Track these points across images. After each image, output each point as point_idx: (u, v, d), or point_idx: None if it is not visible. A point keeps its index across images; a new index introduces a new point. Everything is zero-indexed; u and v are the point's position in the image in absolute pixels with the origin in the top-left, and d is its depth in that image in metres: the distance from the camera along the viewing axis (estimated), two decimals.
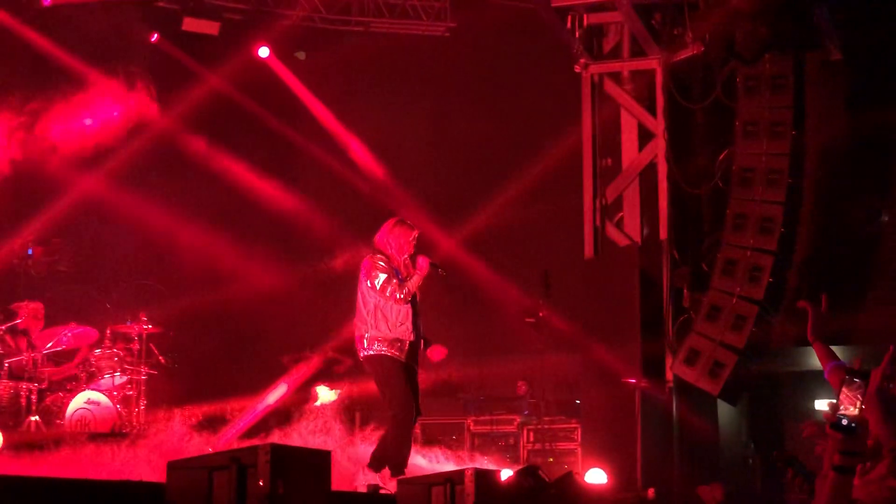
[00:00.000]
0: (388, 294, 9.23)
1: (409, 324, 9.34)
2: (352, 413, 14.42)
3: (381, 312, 9.29)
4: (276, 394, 14.26)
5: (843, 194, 13.50)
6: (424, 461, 10.86)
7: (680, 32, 13.68)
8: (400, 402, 9.23)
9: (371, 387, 14.70)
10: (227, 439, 13.36)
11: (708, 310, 12.65)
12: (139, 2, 15.18)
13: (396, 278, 9.30)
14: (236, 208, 15.56)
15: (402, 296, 9.25)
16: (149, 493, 6.57)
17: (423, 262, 9.40)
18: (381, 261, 9.34)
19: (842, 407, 3.90)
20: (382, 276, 9.25)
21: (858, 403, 3.88)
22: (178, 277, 14.43)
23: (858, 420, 3.85)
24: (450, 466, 10.55)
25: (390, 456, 9.20)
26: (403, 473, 9.12)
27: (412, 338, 9.38)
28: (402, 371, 9.28)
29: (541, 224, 15.65)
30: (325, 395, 12.19)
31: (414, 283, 9.35)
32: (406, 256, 9.48)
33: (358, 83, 16.30)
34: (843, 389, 3.91)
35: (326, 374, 14.30)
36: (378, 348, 9.25)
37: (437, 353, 9.76)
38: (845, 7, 13.07)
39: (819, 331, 5.56)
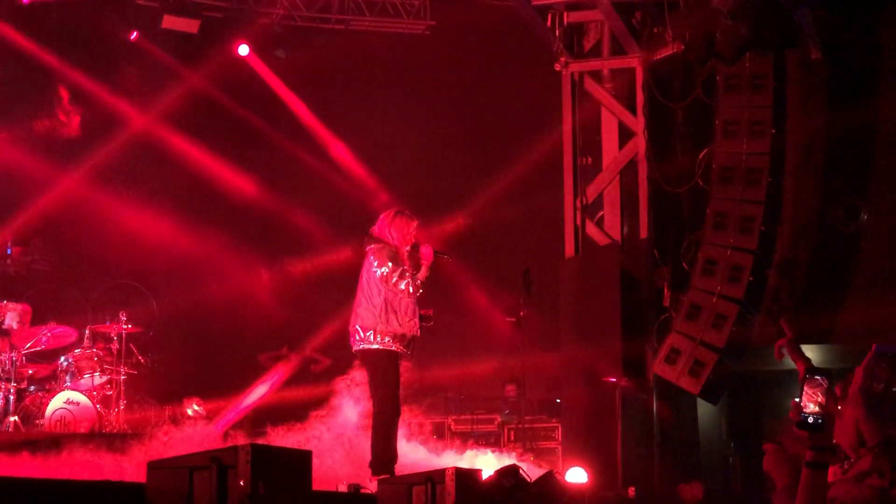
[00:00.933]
0: (401, 287, 9.13)
1: (415, 319, 9.28)
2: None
3: (392, 307, 9.17)
4: (257, 394, 14.24)
5: (823, 193, 13.54)
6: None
7: (660, 31, 13.70)
8: (389, 400, 9.19)
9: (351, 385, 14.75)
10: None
11: (688, 309, 12.66)
12: (119, 0, 15.10)
13: (407, 271, 9.21)
14: (215, 207, 15.52)
15: (413, 289, 9.19)
16: (129, 494, 6.54)
17: (427, 251, 9.35)
18: (390, 252, 9.22)
19: (804, 404, 3.93)
20: (394, 268, 9.14)
21: (819, 399, 3.91)
22: (158, 277, 14.38)
23: (823, 416, 3.89)
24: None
25: (381, 454, 9.17)
26: (392, 471, 9.08)
27: (417, 332, 9.32)
28: (398, 369, 9.23)
29: (521, 223, 15.65)
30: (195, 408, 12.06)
31: (423, 273, 9.29)
32: (408, 248, 9.39)
33: (338, 81, 16.27)
34: (805, 387, 3.95)
35: (303, 374, 14.29)
36: (386, 342, 9.15)
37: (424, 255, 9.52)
38: (825, 6, 13.09)
39: (797, 353, 5.53)
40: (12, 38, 14.42)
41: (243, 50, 15.91)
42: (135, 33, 15.33)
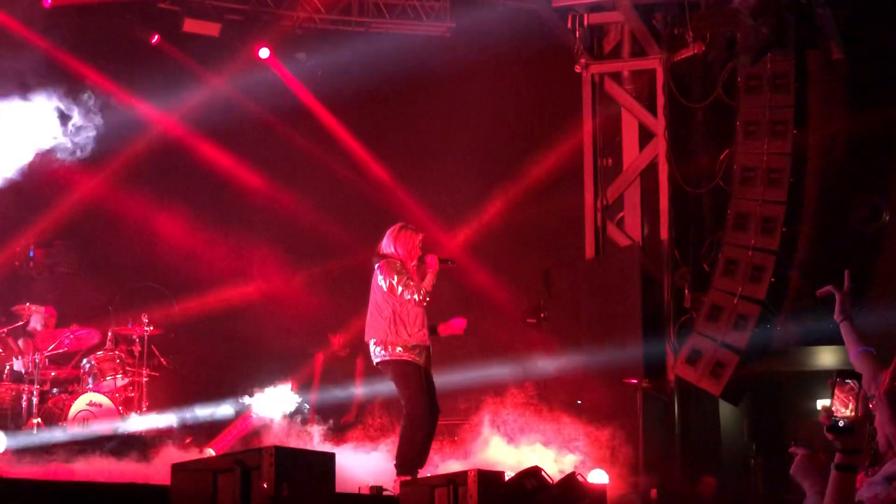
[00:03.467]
0: (407, 297, 9.31)
1: (425, 330, 9.45)
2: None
3: (400, 318, 9.36)
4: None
5: (844, 193, 13.48)
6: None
7: (681, 32, 13.70)
8: (418, 403, 9.33)
9: (371, 387, 14.77)
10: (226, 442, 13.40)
11: (709, 310, 12.65)
12: (140, 3, 15.14)
13: (413, 281, 9.37)
14: (237, 209, 15.56)
15: (420, 297, 9.34)
16: (153, 496, 6.58)
17: (431, 259, 9.54)
18: (396, 265, 9.40)
19: (835, 409, 3.94)
20: (399, 279, 9.33)
21: (851, 405, 3.92)
22: (179, 280, 14.41)
23: (854, 420, 3.90)
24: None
25: (405, 454, 9.25)
26: (416, 473, 9.15)
27: (429, 343, 9.48)
28: (421, 374, 9.38)
29: (542, 224, 15.62)
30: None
31: (429, 282, 9.46)
32: (415, 262, 9.56)
33: (358, 83, 16.27)
34: (836, 391, 3.96)
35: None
36: (400, 353, 9.34)
37: (455, 327, 9.94)
38: (847, 6, 13.05)
39: (846, 310, 5.53)
40: (34, 41, 14.47)
41: (264, 53, 15.93)
42: (156, 37, 15.38)
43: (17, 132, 12.87)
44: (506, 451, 11.36)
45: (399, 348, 9.32)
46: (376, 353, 9.44)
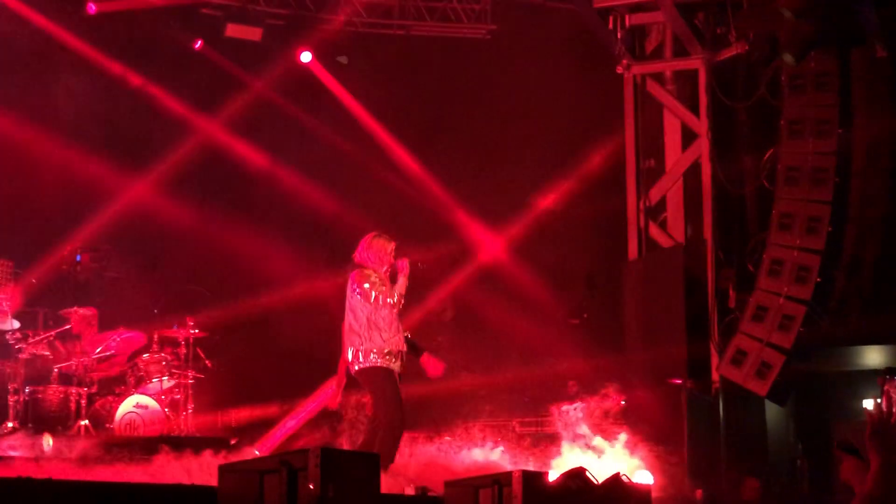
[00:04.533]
0: (381, 302, 9.38)
1: (400, 335, 9.49)
2: None
3: (374, 325, 9.41)
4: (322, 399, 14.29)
5: (890, 192, 13.36)
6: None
7: (723, 31, 13.64)
8: (393, 410, 9.36)
9: (414, 390, 14.80)
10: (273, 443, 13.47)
11: (754, 310, 12.58)
12: (183, 9, 15.26)
13: (385, 286, 9.46)
14: (280, 213, 15.63)
15: (393, 301, 9.42)
16: (200, 497, 6.62)
17: (402, 263, 9.62)
18: (368, 273, 9.50)
19: (885, 405, 3.96)
20: (372, 285, 9.41)
21: None
22: (224, 282, 14.50)
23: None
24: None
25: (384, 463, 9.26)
26: None
27: (403, 348, 9.51)
28: (394, 380, 9.40)
29: (585, 225, 15.61)
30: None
31: (402, 285, 9.54)
32: (387, 268, 9.61)
33: (399, 86, 16.32)
34: (886, 388, 3.97)
35: None
36: (374, 360, 9.37)
37: (434, 368, 9.92)
38: (890, 4, 12.94)
39: None
40: (79, 48, 14.62)
41: (306, 57, 16.01)
42: (199, 42, 15.49)
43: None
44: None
45: (373, 354, 9.36)
46: (352, 362, 9.47)
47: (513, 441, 13.09)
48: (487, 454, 11.46)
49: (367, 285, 9.42)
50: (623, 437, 12.22)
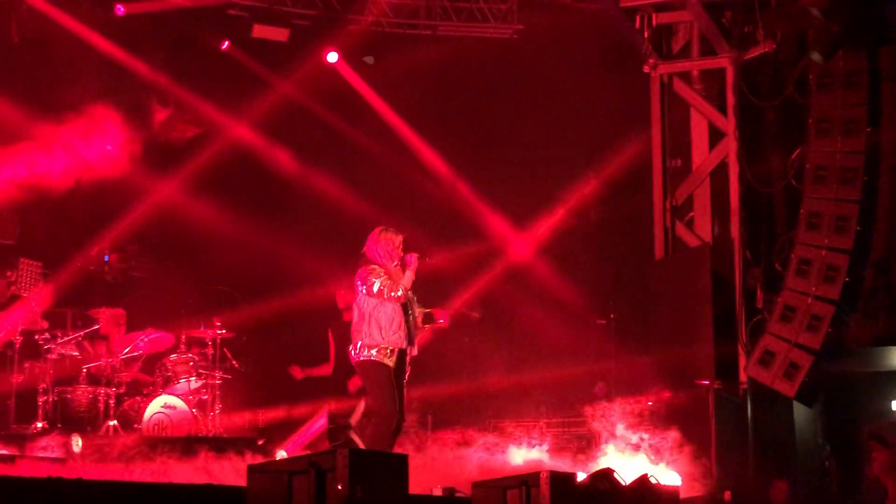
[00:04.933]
0: (385, 295, 9.45)
1: (402, 332, 9.55)
2: (424, 415, 14.48)
3: (375, 320, 9.51)
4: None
5: None
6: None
7: (751, 30, 13.57)
8: (385, 406, 9.42)
9: (442, 389, 14.83)
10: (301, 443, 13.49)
11: (782, 310, 12.53)
12: (210, 10, 15.31)
13: (391, 280, 9.53)
14: (307, 213, 15.65)
15: (397, 293, 9.47)
16: (229, 497, 6.65)
17: (410, 258, 9.69)
18: (375, 268, 9.58)
19: None
20: (378, 280, 9.48)
21: None
22: (251, 283, 14.53)
23: None
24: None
25: None
26: None
27: (404, 345, 9.57)
28: (390, 377, 9.46)
29: (611, 225, 15.59)
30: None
31: (408, 278, 9.62)
32: (396, 262, 9.67)
33: (426, 86, 16.33)
34: None
35: None
36: (368, 354, 9.47)
37: (441, 315, 10.05)
38: None
39: None
40: (106, 49, 14.68)
41: (332, 57, 16.04)
42: (226, 43, 15.54)
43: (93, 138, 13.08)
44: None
45: (372, 350, 9.46)
46: (353, 355, 9.61)
47: (542, 441, 13.10)
48: (527, 454, 11.50)
49: (374, 285, 9.48)
50: (650, 438, 12.21)
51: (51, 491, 6.23)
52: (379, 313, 9.50)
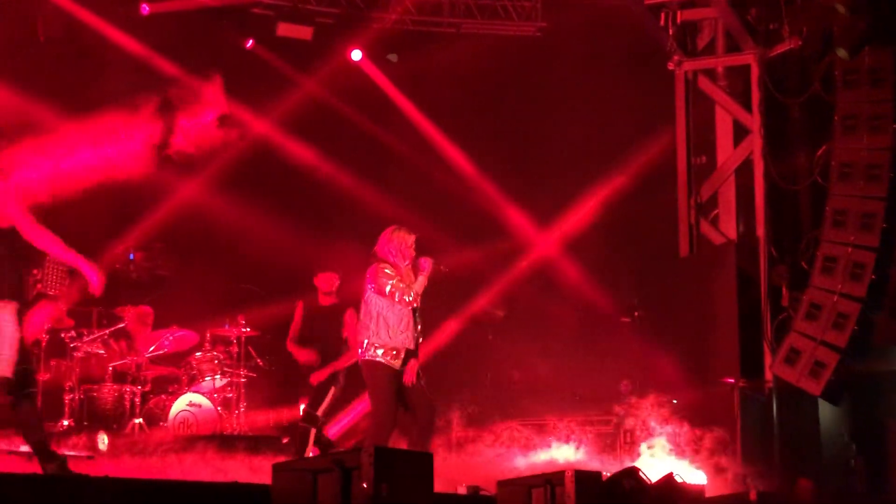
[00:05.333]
0: (396, 298, 9.44)
1: (409, 332, 9.54)
2: (449, 414, 14.48)
3: (384, 319, 9.50)
4: None
5: None
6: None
7: (776, 27, 13.51)
8: (383, 409, 9.44)
9: (466, 387, 14.82)
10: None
11: (808, 308, 12.46)
12: (234, 8, 15.35)
13: (403, 283, 9.51)
14: (332, 212, 15.68)
15: (410, 298, 9.47)
16: (255, 495, 6.66)
17: (425, 262, 9.66)
18: (386, 268, 9.57)
19: None
20: (389, 283, 9.48)
21: None
22: (276, 281, 14.56)
23: None
24: None
25: None
26: None
27: (411, 346, 9.54)
28: (392, 380, 9.45)
29: (635, 222, 15.55)
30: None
31: (420, 284, 9.59)
32: (408, 263, 9.67)
33: (450, 84, 16.33)
34: None
35: None
36: (373, 354, 9.47)
37: (408, 375, 9.62)
38: None
39: None
40: (132, 48, 14.74)
41: (356, 55, 16.08)
42: (251, 41, 15.59)
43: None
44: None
45: (378, 349, 9.45)
46: (360, 354, 9.61)
47: (567, 439, 13.10)
48: (554, 452, 11.50)
49: (382, 280, 9.48)
50: (676, 436, 12.19)
51: (78, 488, 6.26)
52: (388, 313, 9.50)
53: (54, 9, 14.00)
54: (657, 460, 11.76)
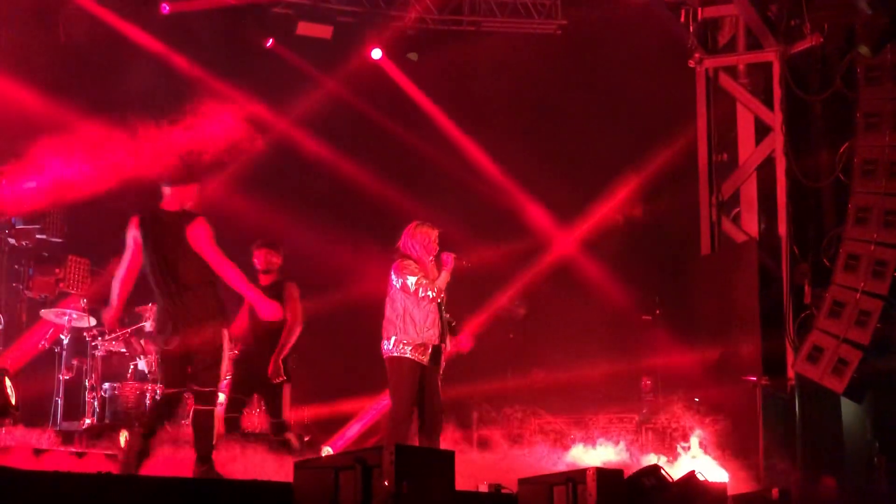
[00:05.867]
0: (420, 294, 9.42)
1: (436, 329, 9.53)
2: (469, 412, 14.49)
3: (410, 316, 9.50)
4: None
5: None
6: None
7: (797, 23, 13.47)
8: (403, 406, 9.44)
9: (487, 385, 14.82)
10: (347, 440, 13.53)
11: (830, 306, 12.43)
12: (255, 8, 15.38)
13: (427, 279, 9.49)
14: (355, 210, 15.69)
15: (433, 293, 9.44)
16: (277, 493, 6.68)
17: (447, 257, 9.62)
18: (410, 264, 9.55)
19: None
20: (413, 279, 9.45)
21: None
22: (299, 280, 14.56)
23: None
24: None
25: None
26: None
27: (437, 341, 9.55)
28: (417, 377, 9.45)
29: (656, 220, 15.52)
30: None
31: (443, 279, 9.56)
32: (431, 258, 9.66)
33: (470, 82, 16.33)
34: None
35: None
36: (402, 350, 9.46)
37: (461, 344, 9.87)
38: None
39: None
40: (153, 47, 14.78)
41: (376, 54, 16.09)
42: (271, 40, 15.61)
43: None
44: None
45: (407, 346, 9.44)
46: (384, 348, 9.59)
47: (591, 437, 13.08)
48: (578, 452, 11.50)
49: (409, 281, 9.46)
50: (698, 434, 12.16)
51: (101, 486, 6.28)
52: (414, 309, 9.49)
53: (76, 9, 14.04)
54: (679, 457, 11.73)
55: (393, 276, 9.60)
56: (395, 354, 9.48)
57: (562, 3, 16.03)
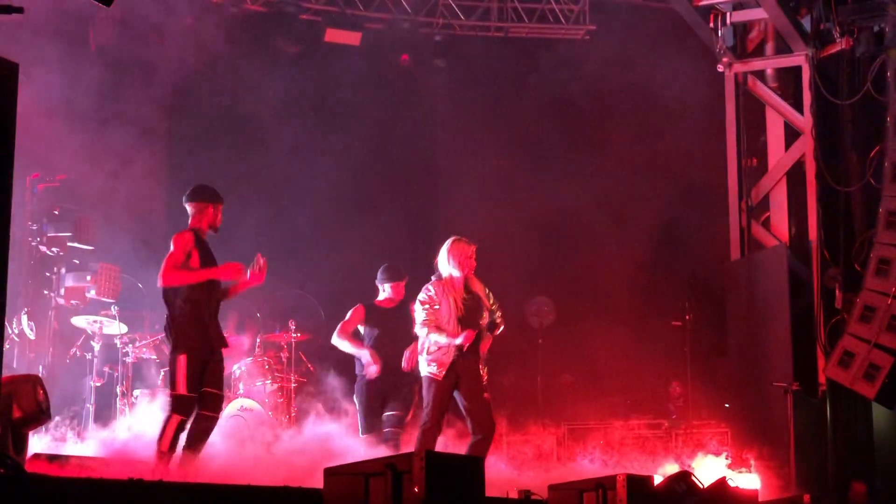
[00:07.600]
0: (417, 328, 9.59)
1: (454, 347, 9.52)
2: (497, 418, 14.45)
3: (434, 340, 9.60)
4: None
5: None
6: None
7: (827, 27, 13.42)
8: (431, 416, 9.49)
9: (515, 391, 14.78)
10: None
11: (861, 311, 12.36)
12: (282, 15, 15.43)
13: (436, 320, 9.50)
14: (377, 215, 15.68)
15: (423, 333, 9.57)
16: (307, 499, 6.68)
17: (467, 336, 9.46)
18: (431, 301, 9.56)
19: None
20: (423, 310, 9.55)
21: None
22: (324, 286, 14.58)
23: None
24: None
25: None
26: None
27: (464, 356, 9.52)
28: (442, 390, 9.49)
29: (686, 226, 15.47)
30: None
31: (441, 341, 9.51)
32: (465, 272, 9.62)
33: (498, 88, 16.33)
34: None
35: None
36: (429, 369, 9.57)
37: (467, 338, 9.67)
38: None
39: None
40: (180, 55, 14.81)
41: (404, 60, 16.10)
42: (298, 47, 15.65)
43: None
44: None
45: (432, 365, 9.54)
46: (417, 364, 9.79)
47: (618, 444, 13.05)
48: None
49: (418, 312, 9.58)
50: (728, 440, 12.11)
51: (132, 492, 6.30)
52: (441, 322, 9.56)
53: (105, 17, 14.09)
54: (710, 464, 11.69)
55: (417, 305, 9.67)
56: (425, 374, 9.60)
57: (590, 9, 16.02)
